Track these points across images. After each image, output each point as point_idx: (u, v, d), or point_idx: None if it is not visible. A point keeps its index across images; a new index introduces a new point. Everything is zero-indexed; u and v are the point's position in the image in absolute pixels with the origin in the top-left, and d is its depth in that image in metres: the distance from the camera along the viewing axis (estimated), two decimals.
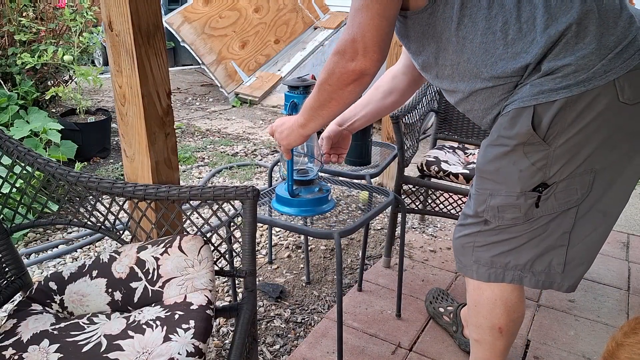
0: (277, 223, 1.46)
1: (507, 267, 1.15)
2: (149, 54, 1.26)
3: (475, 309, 1.26)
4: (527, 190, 1.04)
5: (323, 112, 1.14)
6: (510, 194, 1.06)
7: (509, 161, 1.04)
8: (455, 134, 2.36)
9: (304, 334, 1.75)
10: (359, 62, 1.01)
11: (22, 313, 1.07)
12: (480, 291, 1.22)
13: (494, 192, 1.09)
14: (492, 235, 1.14)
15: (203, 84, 6.12)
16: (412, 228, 2.54)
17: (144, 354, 0.95)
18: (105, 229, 1.30)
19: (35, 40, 3.44)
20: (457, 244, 1.23)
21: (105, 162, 3.42)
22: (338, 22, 6.06)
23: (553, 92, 0.95)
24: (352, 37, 1.00)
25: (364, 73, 1.02)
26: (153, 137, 1.32)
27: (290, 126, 1.24)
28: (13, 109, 3.09)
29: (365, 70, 1.01)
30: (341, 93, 1.07)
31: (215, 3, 5.38)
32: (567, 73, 0.94)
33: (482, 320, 1.25)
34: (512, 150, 1.02)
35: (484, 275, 1.18)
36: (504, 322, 1.23)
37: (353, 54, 1.01)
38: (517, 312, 1.23)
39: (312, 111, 1.16)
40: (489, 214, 1.11)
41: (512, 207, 1.07)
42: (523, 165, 1.02)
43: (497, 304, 1.21)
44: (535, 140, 0.99)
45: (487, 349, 1.29)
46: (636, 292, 2.03)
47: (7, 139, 1.23)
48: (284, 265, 2.18)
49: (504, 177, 1.06)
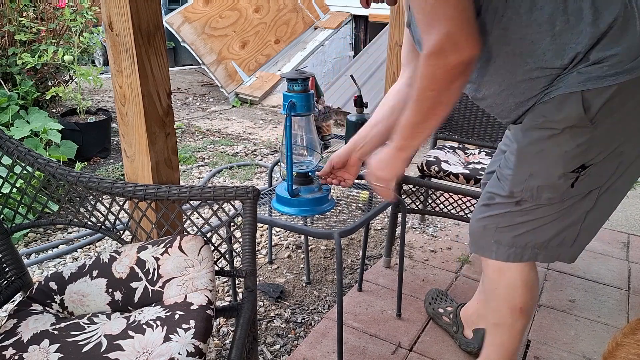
0: (277, 223, 1.46)
1: (527, 246, 1.19)
2: (149, 54, 1.26)
3: (495, 291, 1.28)
4: (568, 171, 1.07)
5: (428, 123, 1.09)
6: (552, 174, 1.09)
7: (554, 143, 1.07)
8: (455, 134, 2.36)
9: (304, 334, 1.75)
10: (464, 52, 0.96)
11: (23, 313, 1.07)
12: (500, 273, 1.24)
13: (534, 173, 1.11)
14: (520, 216, 1.17)
15: (203, 84, 6.12)
16: (412, 228, 2.54)
17: (144, 354, 0.95)
18: (105, 229, 1.30)
19: (36, 40, 3.44)
20: (478, 226, 1.25)
21: (105, 162, 3.42)
22: (338, 22, 6.06)
23: (600, 79, 0.98)
24: (447, 31, 0.95)
25: (470, 61, 0.98)
26: (153, 137, 1.32)
27: (388, 157, 1.20)
28: (13, 109, 3.09)
29: (472, 56, 0.97)
30: (448, 93, 1.02)
31: (216, 3, 5.38)
32: (614, 62, 0.97)
33: (502, 302, 1.27)
34: (560, 132, 1.05)
35: (503, 255, 1.21)
36: (523, 301, 1.25)
37: (453, 47, 0.96)
38: (535, 290, 1.27)
39: (413, 128, 1.11)
40: (527, 194, 1.13)
41: (552, 188, 1.10)
42: (568, 147, 1.05)
43: (518, 284, 1.24)
44: (583, 124, 1.02)
45: (505, 332, 1.31)
46: (636, 292, 2.02)
47: (7, 139, 1.23)
48: (284, 265, 2.18)
49: (547, 159, 1.09)
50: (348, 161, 1.45)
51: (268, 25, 5.72)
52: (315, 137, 1.48)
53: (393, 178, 1.24)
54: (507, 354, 1.33)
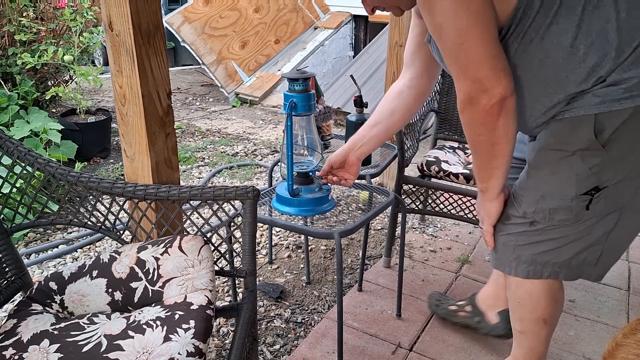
0: (277, 223, 1.46)
1: (547, 264, 1.18)
2: (149, 54, 1.26)
3: (518, 304, 1.28)
4: (580, 194, 1.06)
5: (495, 162, 1.09)
6: (564, 196, 1.08)
7: (566, 165, 1.06)
8: (455, 134, 2.36)
9: (304, 334, 1.75)
10: (494, 93, 0.98)
11: (23, 313, 1.07)
12: (522, 288, 1.24)
13: (546, 194, 1.10)
14: (537, 235, 1.16)
15: (203, 84, 6.12)
16: (412, 228, 2.54)
17: (144, 354, 0.95)
18: (105, 229, 1.30)
19: (36, 40, 3.44)
20: (498, 242, 1.24)
21: (105, 162, 3.42)
22: (338, 22, 6.06)
23: (616, 102, 0.98)
24: (474, 77, 0.98)
25: (504, 98, 0.99)
26: (153, 137, 1.32)
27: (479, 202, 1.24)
28: (13, 109, 3.09)
29: (504, 95, 0.99)
30: (497, 132, 1.03)
31: (216, 3, 5.38)
32: (631, 85, 0.97)
33: (527, 314, 1.27)
34: (572, 155, 1.05)
35: (523, 272, 1.21)
36: (547, 313, 1.25)
37: (483, 92, 0.98)
38: (559, 301, 1.27)
39: (484, 170, 1.13)
40: (539, 216, 1.13)
41: (564, 210, 1.09)
42: (580, 169, 1.05)
43: (541, 298, 1.23)
44: (595, 147, 1.01)
45: (531, 338, 1.31)
46: (636, 292, 2.02)
47: (7, 139, 1.23)
48: (284, 265, 2.18)
49: (559, 180, 1.08)
50: (347, 161, 1.45)
51: (268, 25, 5.72)
52: (316, 137, 1.48)
53: (488, 220, 1.23)
54: (535, 356, 1.34)
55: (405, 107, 1.41)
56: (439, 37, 1.01)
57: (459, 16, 0.94)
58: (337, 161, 1.44)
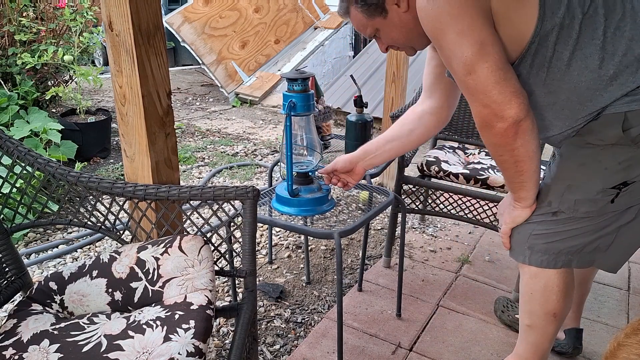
0: (277, 223, 1.46)
1: (560, 253, 1.20)
2: (149, 54, 1.26)
3: (530, 296, 1.29)
4: (608, 187, 1.08)
5: (523, 176, 1.13)
6: (591, 189, 1.10)
7: (595, 158, 1.08)
8: (455, 134, 2.36)
9: (304, 334, 1.75)
10: (507, 117, 1.01)
11: (22, 313, 1.07)
12: (537, 279, 1.26)
13: (573, 186, 1.13)
14: (555, 225, 1.18)
15: (203, 84, 6.12)
16: (412, 228, 2.54)
17: (144, 354, 0.95)
18: (105, 229, 1.30)
19: (36, 40, 3.44)
20: (514, 230, 1.27)
21: (105, 162, 3.42)
22: (338, 22, 6.06)
23: None
24: (485, 104, 1.02)
25: (517, 120, 1.02)
26: (153, 137, 1.32)
27: (509, 210, 1.25)
28: (13, 109, 3.09)
29: (517, 117, 1.02)
30: (517, 152, 1.07)
31: (216, 3, 5.38)
32: None
33: (537, 307, 1.28)
34: (601, 149, 1.07)
35: (536, 261, 1.23)
36: (558, 307, 1.27)
37: (495, 117, 1.02)
38: (570, 296, 1.28)
39: (513, 184, 1.16)
40: (564, 206, 1.15)
41: (590, 202, 1.11)
42: (609, 164, 1.07)
43: (554, 291, 1.25)
44: (624, 142, 1.04)
45: (539, 334, 1.32)
46: (636, 292, 2.03)
47: (7, 139, 1.23)
48: (284, 265, 2.18)
49: (587, 173, 1.11)
50: (354, 169, 1.46)
51: (268, 25, 5.72)
52: (315, 137, 1.48)
53: (511, 224, 1.26)
54: (539, 353, 1.35)
55: (424, 131, 1.44)
56: (450, 68, 1.06)
57: (463, 48, 1.00)
58: (344, 167, 1.45)
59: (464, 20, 0.99)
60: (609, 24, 1.00)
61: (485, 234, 2.48)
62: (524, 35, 1.03)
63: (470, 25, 0.99)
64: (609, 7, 1.00)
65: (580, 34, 1.00)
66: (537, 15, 1.01)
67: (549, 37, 1.02)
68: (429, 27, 1.04)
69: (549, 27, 1.01)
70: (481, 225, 1.92)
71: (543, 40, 1.03)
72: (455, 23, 0.99)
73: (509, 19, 1.02)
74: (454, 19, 0.99)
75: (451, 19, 1.00)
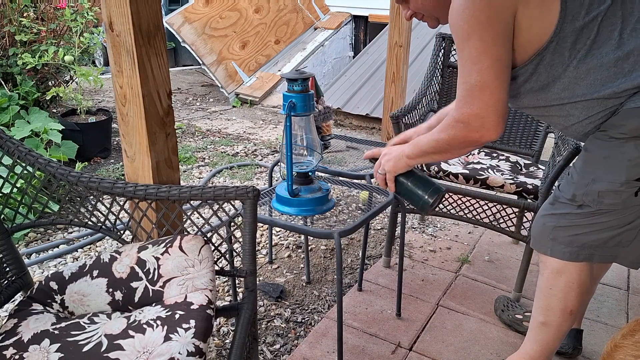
0: (277, 223, 1.46)
1: (583, 246, 1.21)
2: (149, 54, 1.26)
3: (549, 291, 1.30)
4: (632, 179, 1.10)
5: (434, 157, 1.24)
6: (615, 181, 1.12)
7: (619, 151, 1.10)
8: None
9: (304, 333, 1.75)
10: (486, 134, 1.09)
11: (23, 313, 1.08)
12: (558, 274, 1.26)
13: (597, 178, 1.14)
14: (579, 219, 1.19)
15: (203, 84, 6.12)
16: (412, 228, 2.54)
17: (144, 353, 0.95)
18: (106, 229, 1.31)
19: (36, 40, 3.44)
20: (539, 222, 1.29)
21: (106, 162, 3.42)
22: (338, 22, 6.06)
23: None
24: (478, 112, 1.08)
25: (486, 141, 1.11)
26: (154, 137, 1.33)
27: (398, 155, 1.30)
28: (14, 109, 3.09)
29: (490, 139, 1.10)
30: (458, 152, 1.18)
31: (216, 3, 5.38)
32: None
33: (555, 302, 1.29)
34: (624, 142, 1.09)
35: (559, 253, 1.24)
36: (576, 304, 1.28)
37: (479, 127, 1.09)
38: (587, 295, 1.30)
39: (424, 154, 1.24)
40: (588, 198, 1.16)
41: (613, 194, 1.13)
42: (632, 156, 1.08)
43: (574, 287, 1.25)
44: None
45: (552, 331, 1.32)
46: (636, 292, 2.03)
47: (8, 139, 1.24)
48: (284, 265, 2.19)
49: (611, 165, 1.12)
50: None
51: (268, 26, 5.73)
52: (315, 137, 1.49)
53: (391, 171, 1.32)
54: (548, 352, 1.35)
55: None
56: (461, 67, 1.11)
57: (482, 57, 1.05)
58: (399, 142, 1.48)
59: (489, 33, 1.04)
60: (625, 25, 1.04)
61: (484, 234, 2.48)
62: (543, 37, 1.07)
63: (494, 38, 1.05)
64: (626, 9, 1.05)
65: (598, 34, 1.05)
66: (557, 18, 1.05)
67: (568, 38, 1.06)
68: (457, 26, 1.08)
69: (569, 29, 1.05)
70: (481, 225, 1.92)
71: (562, 41, 1.06)
72: (482, 31, 1.04)
73: (530, 27, 1.07)
74: (483, 28, 1.04)
75: (479, 26, 1.04)
